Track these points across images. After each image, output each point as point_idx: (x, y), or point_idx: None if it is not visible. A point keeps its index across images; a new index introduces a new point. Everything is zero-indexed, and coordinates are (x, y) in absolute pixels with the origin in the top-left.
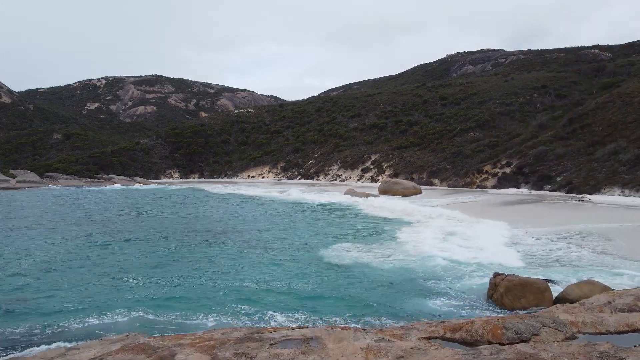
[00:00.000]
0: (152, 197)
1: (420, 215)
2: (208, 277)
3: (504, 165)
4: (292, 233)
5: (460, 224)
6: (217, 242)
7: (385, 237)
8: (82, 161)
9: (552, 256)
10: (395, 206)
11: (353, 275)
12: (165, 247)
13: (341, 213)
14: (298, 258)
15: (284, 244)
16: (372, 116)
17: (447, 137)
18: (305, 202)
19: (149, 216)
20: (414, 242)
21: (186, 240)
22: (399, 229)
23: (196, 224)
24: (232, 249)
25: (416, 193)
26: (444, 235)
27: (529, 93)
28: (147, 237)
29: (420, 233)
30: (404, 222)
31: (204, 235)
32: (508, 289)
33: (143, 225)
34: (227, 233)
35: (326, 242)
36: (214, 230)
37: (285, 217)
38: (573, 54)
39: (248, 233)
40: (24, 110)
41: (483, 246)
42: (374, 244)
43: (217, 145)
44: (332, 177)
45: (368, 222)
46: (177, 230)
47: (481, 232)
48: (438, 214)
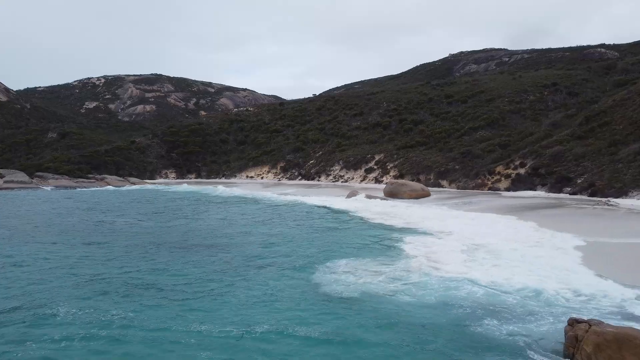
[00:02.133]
0: (139, 199)
1: (436, 222)
2: (167, 318)
3: (518, 166)
4: (286, 247)
5: (487, 234)
6: (193, 259)
7: (397, 252)
8: (74, 160)
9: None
10: (404, 211)
11: (361, 313)
12: (124, 264)
13: (343, 219)
14: (289, 286)
15: (275, 263)
16: (375, 115)
17: (455, 136)
18: (304, 205)
19: (124, 222)
20: (435, 259)
21: (152, 255)
22: (413, 241)
23: (173, 233)
24: (210, 269)
25: (424, 195)
26: (470, 249)
27: (539, 91)
28: (107, 250)
29: (440, 246)
30: (417, 231)
31: (177, 250)
32: (598, 347)
33: (109, 236)
34: (207, 247)
35: (325, 260)
36: (193, 242)
37: (280, 225)
38: (578, 53)
39: (233, 247)
40: (20, 109)
41: (533, 266)
42: (386, 263)
43: (215, 144)
44: (333, 178)
45: (375, 231)
46: (147, 242)
47: (523, 247)
48: (456, 219)
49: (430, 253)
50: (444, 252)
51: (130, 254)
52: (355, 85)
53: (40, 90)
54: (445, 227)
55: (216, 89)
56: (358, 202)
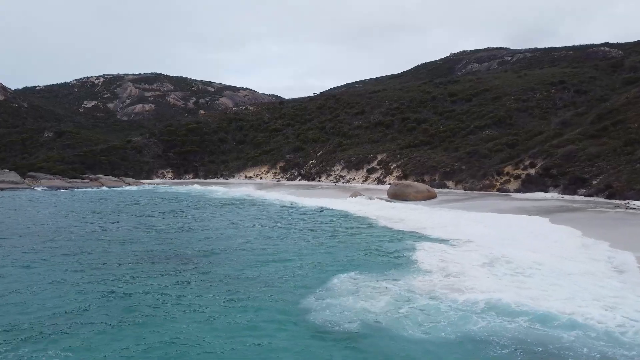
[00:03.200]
0: (129, 201)
1: (450, 227)
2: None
3: (528, 166)
4: (279, 259)
5: (510, 241)
6: (171, 275)
7: (407, 265)
8: (68, 160)
9: None
10: (412, 214)
11: (358, 353)
12: (91, 279)
13: (345, 224)
14: (274, 311)
15: (263, 280)
16: (377, 113)
17: (460, 136)
18: (303, 208)
19: (102, 229)
20: (451, 274)
21: (126, 270)
22: (426, 250)
23: (153, 243)
24: (186, 287)
25: (431, 197)
26: (492, 261)
27: (546, 89)
28: (71, 265)
29: (457, 257)
30: (430, 238)
31: (154, 264)
32: None
33: (81, 246)
34: (189, 259)
35: (322, 275)
36: (175, 252)
37: (275, 231)
38: (582, 51)
39: (218, 259)
40: (17, 108)
41: (577, 286)
42: (393, 280)
43: (213, 143)
44: (334, 178)
45: (381, 238)
46: (123, 253)
47: (556, 259)
48: (471, 224)
49: (445, 266)
50: (462, 265)
51: (100, 267)
52: (356, 85)
53: (38, 89)
54: (461, 233)
55: (216, 88)
56: (361, 204)
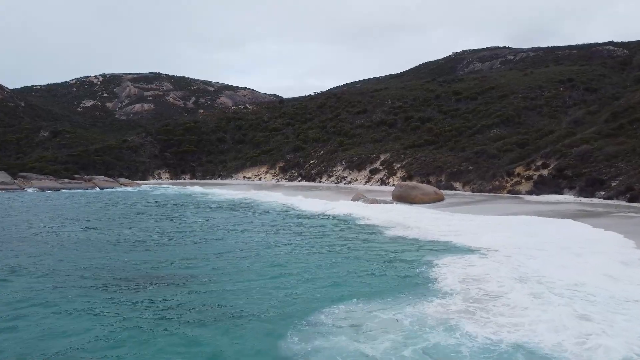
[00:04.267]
0: (117, 202)
1: (469, 233)
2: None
3: (540, 166)
4: (266, 279)
5: (543, 252)
6: (134, 300)
7: (423, 285)
8: (61, 160)
9: None
10: (423, 218)
11: None
12: (40, 300)
13: (349, 231)
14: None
15: (239, 311)
16: (380, 112)
17: (466, 135)
18: (302, 212)
19: (75, 236)
20: (480, 299)
21: (84, 292)
22: (445, 265)
23: (124, 255)
24: (147, 318)
25: (438, 199)
26: (528, 278)
27: (554, 87)
28: (24, 282)
29: (483, 272)
30: (448, 247)
31: (119, 285)
32: None
33: (40, 257)
34: (161, 279)
35: (314, 303)
36: (147, 271)
37: (267, 242)
38: (586, 50)
39: (194, 280)
40: (14, 107)
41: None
42: (407, 307)
43: (211, 143)
44: (336, 179)
45: (392, 248)
46: (88, 267)
47: (612, 280)
48: (492, 229)
49: (468, 288)
50: (488, 285)
51: (56, 286)
52: (357, 85)
53: (37, 88)
54: (482, 242)
55: (216, 87)
56: (364, 207)
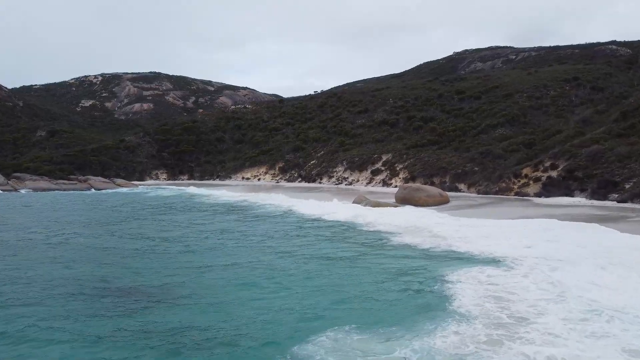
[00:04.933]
0: (105, 205)
1: (486, 239)
2: None
3: (549, 167)
4: (249, 297)
5: (577, 260)
6: (93, 319)
7: (437, 305)
8: (56, 160)
9: None
10: (432, 222)
11: None
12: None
13: (351, 238)
14: None
15: (208, 343)
16: (381, 112)
17: (470, 135)
18: (301, 216)
19: (45, 243)
20: (510, 326)
21: (47, 307)
22: (464, 280)
23: (98, 265)
24: (109, 341)
25: (443, 202)
26: (555, 293)
27: (560, 86)
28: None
29: (510, 289)
30: (466, 258)
31: (86, 300)
32: None
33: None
34: (130, 295)
35: (298, 336)
36: (119, 284)
37: (259, 252)
38: (588, 50)
39: (171, 296)
40: (12, 107)
41: None
42: (415, 338)
43: (210, 143)
44: (336, 180)
45: (397, 259)
46: (56, 278)
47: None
48: (511, 235)
49: (492, 305)
50: (518, 304)
51: (18, 300)
52: (358, 84)
53: (36, 88)
54: (502, 249)
55: (216, 87)
56: (367, 210)
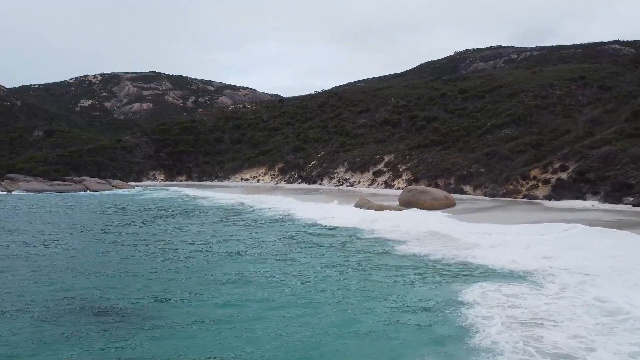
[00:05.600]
0: (91, 208)
1: (503, 249)
2: None
3: (558, 169)
4: (246, 319)
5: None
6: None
7: (455, 336)
8: (51, 161)
9: None
10: (439, 229)
11: None
12: None
13: (351, 247)
14: None
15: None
16: (383, 111)
17: (475, 135)
18: (299, 220)
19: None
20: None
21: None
22: (484, 300)
23: (59, 279)
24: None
25: (449, 205)
26: (606, 317)
27: (565, 85)
28: None
29: (543, 311)
30: (485, 271)
31: (35, 322)
32: None
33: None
34: (93, 315)
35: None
36: (81, 303)
37: (249, 260)
38: (591, 49)
39: (138, 317)
40: (9, 106)
41: None
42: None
43: (208, 143)
44: (337, 182)
45: (405, 275)
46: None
47: None
48: (527, 243)
49: (523, 334)
50: (557, 334)
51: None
52: (358, 84)
53: (35, 87)
54: (526, 260)
55: (216, 87)
56: (370, 214)
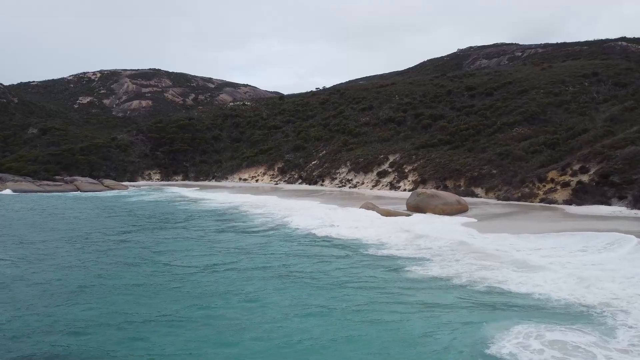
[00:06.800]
0: (84, 212)
1: (544, 275)
2: None
3: (578, 171)
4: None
5: None
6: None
7: None
8: (42, 160)
9: None
10: (460, 241)
11: None
12: None
13: (354, 270)
14: None
15: None
16: (387, 109)
17: (485, 134)
18: (295, 230)
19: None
20: None
21: None
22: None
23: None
24: None
25: (462, 210)
26: None
27: (579, 81)
28: None
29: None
30: (524, 304)
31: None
32: None
33: None
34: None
35: None
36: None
37: (230, 283)
38: (597, 46)
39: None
40: (6, 103)
41: None
42: None
43: (206, 141)
44: (340, 182)
45: (431, 315)
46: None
47: None
48: (582, 264)
49: None
50: None
51: None
52: (360, 82)
53: (33, 84)
54: (586, 291)
55: (216, 84)
56: (377, 221)
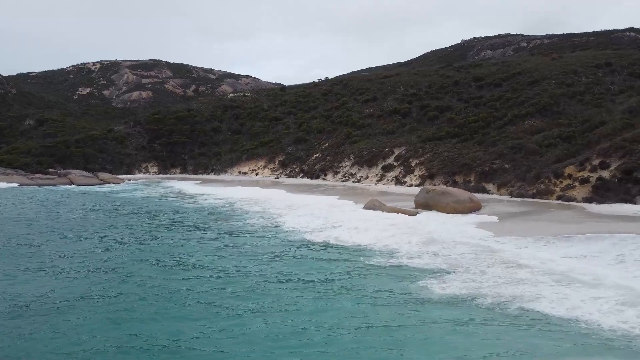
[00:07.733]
0: (67, 209)
1: (602, 302)
2: None
3: (598, 166)
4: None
5: None
6: None
7: None
8: (35, 152)
9: None
10: (484, 248)
11: None
12: None
13: (359, 287)
14: None
15: None
16: (391, 100)
17: (495, 126)
18: (291, 232)
19: None
20: None
21: None
22: None
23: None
24: None
25: (474, 208)
26: None
27: (592, 72)
28: None
29: None
30: (599, 346)
31: None
32: None
33: None
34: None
35: None
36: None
37: (216, 317)
38: (605, 37)
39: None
40: (3, 94)
41: None
42: None
43: (205, 133)
44: (343, 177)
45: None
46: None
47: None
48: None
49: None
50: None
51: None
52: (363, 73)
53: (33, 75)
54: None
55: (217, 75)
56: (384, 220)
